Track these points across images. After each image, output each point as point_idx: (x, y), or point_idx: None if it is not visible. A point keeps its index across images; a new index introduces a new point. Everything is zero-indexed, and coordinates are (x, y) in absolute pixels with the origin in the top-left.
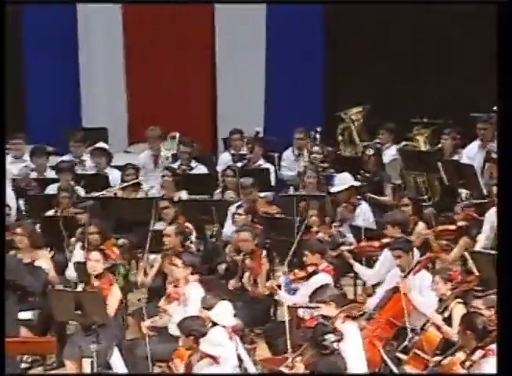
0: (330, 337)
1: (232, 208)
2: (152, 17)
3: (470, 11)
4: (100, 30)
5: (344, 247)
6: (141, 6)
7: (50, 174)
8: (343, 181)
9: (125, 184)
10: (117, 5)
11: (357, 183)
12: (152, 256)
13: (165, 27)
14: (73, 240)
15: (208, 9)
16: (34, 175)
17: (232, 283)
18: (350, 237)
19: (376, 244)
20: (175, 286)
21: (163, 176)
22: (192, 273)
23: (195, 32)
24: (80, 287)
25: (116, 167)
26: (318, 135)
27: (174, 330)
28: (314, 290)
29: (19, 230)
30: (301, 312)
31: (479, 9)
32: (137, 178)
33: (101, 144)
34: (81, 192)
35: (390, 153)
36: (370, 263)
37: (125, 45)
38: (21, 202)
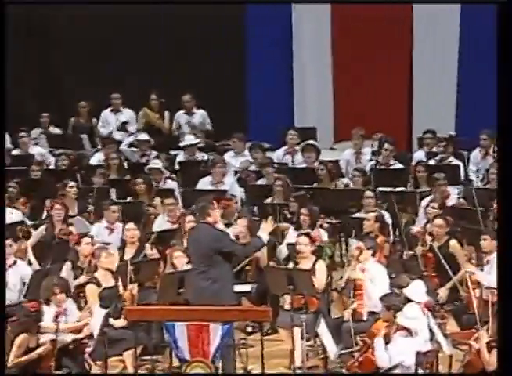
0: None
1: (424, 202)
2: (356, 18)
3: None
4: (310, 30)
5: None
6: (348, 6)
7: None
8: None
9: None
10: (325, 5)
11: None
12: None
13: (369, 28)
14: (285, 224)
15: (407, 10)
16: (252, 168)
17: None
18: None
19: None
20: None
21: (352, 177)
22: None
23: (395, 33)
24: (290, 265)
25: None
26: None
27: (371, 307)
28: None
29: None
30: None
31: None
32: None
33: (311, 141)
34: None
35: None
36: None
37: (333, 46)
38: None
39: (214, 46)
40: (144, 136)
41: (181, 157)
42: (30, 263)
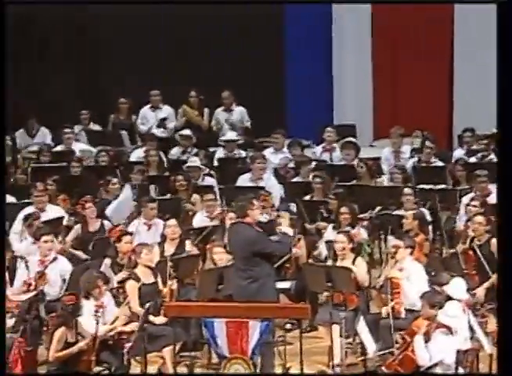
0: None
1: (465, 199)
2: (397, 17)
3: None
4: (351, 30)
5: None
6: (389, 7)
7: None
8: None
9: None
10: (366, 5)
11: None
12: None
13: (410, 26)
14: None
15: (448, 9)
16: (291, 165)
17: None
18: None
19: None
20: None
21: (392, 174)
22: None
23: (436, 31)
24: (329, 262)
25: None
26: None
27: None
28: None
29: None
30: None
31: None
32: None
33: (350, 138)
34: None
35: None
36: None
37: (373, 45)
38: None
39: (252, 43)
40: (187, 132)
41: (220, 153)
42: (71, 259)
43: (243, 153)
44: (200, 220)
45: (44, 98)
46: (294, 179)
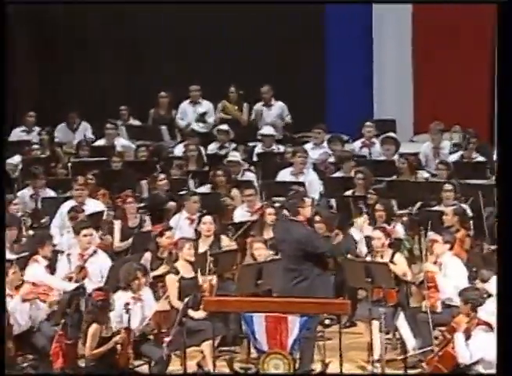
0: None
1: None
2: (438, 14)
3: None
4: (391, 28)
5: None
6: (430, 6)
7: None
8: None
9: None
10: (407, 5)
11: None
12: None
13: (450, 23)
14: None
15: (490, 9)
16: (330, 160)
17: None
18: None
19: None
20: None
21: (437, 169)
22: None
23: (477, 28)
24: (368, 258)
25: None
26: None
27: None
28: None
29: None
30: None
31: None
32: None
33: (390, 133)
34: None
35: None
36: None
37: (413, 43)
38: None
39: (294, 40)
40: (224, 127)
41: (259, 148)
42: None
43: (282, 148)
44: (240, 215)
45: (85, 92)
46: (335, 174)
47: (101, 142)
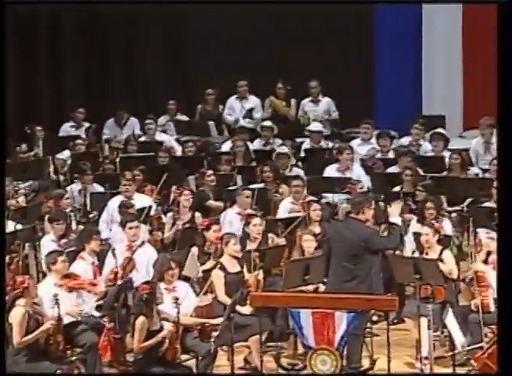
0: None
1: None
2: (486, 15)
3: None
4: (441, 27)
5: None
6: (479, 7)
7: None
8: None
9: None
10: (457, 5)
11: None
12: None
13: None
14: (409, 215)
15: None
16: (378, 155)
17: None
18: None
19: None
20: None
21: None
22: None
23: None
24: (416, 254)
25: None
26: None
27: None
28: None
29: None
30: None
31: None
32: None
33: (439, 129)
34: (420, 171)
35: None
36: None
37: (463, 40)
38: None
39: (343, 37)
40: (268, 123)
41: (306, 144)
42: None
43: (330, 144)
44: (285, 207)
45: (134, 88)
46: (389, 170)
47: (142, 138)
